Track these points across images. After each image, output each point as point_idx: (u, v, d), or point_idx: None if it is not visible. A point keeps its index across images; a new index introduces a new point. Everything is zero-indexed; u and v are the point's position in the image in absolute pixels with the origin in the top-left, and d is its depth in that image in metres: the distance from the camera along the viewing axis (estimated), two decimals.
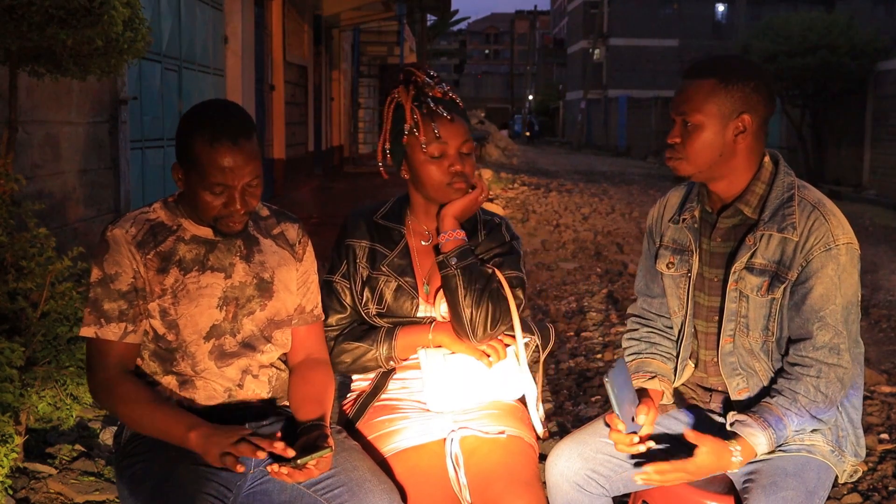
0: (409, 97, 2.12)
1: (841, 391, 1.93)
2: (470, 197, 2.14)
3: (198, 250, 1.98)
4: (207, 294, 1.96)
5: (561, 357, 5.09)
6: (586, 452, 2.05)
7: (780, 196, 1.99)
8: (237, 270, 2.00)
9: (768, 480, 1.90)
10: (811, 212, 1.96)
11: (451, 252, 2.09)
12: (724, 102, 1.95)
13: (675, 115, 2.01)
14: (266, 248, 2.06)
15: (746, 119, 1.96)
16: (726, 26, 37.83)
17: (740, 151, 1.99)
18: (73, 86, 5.08)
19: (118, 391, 1.90)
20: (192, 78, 7.77)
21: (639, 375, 2.14)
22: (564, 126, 51.25)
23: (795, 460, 1.95)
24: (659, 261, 2.19)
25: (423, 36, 19.04)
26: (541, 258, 8.45)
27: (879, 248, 9.50)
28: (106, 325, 1.91)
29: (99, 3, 2.99)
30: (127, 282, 1.92)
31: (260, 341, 2.03)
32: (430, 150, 2.10)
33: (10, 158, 3.15)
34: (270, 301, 2.04)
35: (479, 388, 2.15)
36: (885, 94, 15.97)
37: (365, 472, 1.90)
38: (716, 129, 1.96)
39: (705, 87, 1.96)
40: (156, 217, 1.98)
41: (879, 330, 5.96)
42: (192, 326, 1.96)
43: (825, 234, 1.92)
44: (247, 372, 2.01)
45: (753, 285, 1.99)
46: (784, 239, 1.96)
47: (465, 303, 2.06)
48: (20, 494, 2.89)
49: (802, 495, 1.88)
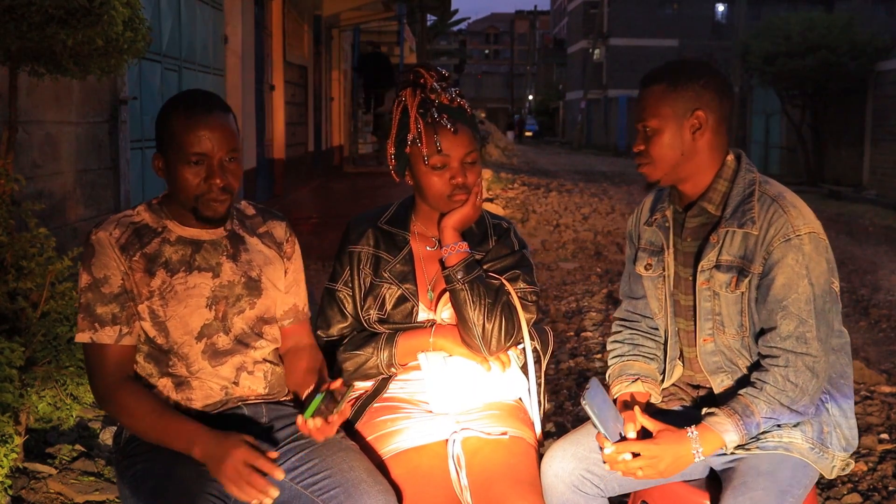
0: (415, 103, 2.10)
1: (813, 380, 1.93)
2: (468, 206, 2.12)
3: (184, 251, 1.98)
4: (196, 294, 1.97)
5: (561, 357, 5.09)
6: (580, 453, 2.05)
7: (741, 193, 2.03)
8: (225, 270, 2.01)
9: (739, 481, 1.91)
10: (770, 205, 1.99)
11: (457, 266, 2.08)
12: (676, 103, 2.01)
13: (636, 123, 2.08)
14: (252, 247, 2.07)
15: (700, 115, 2.01)
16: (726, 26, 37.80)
17: (701, 149, 2.03)
18: (73, 86, 5.08)
19: (120, 401, 1.90)
20: (192, 78, 7.77)
21: (622, 379, 2.17)
22: (564, 126, 51.25)
23: (771, 458, 1.95)
24: (637, 263, 2.23)
25: (423, 36, 19.04)
26: (541, 258, 8.45)
27: (879, 248, 9.50)
28: (101, 329, 1.91)
29: (99, 3, 2.98)
30: (117, 284, 1.92)
31: (252, 338, 2.03)
32: (432, 161, 2.08)
33: (10, 158, 3.15)
34: (260, 299, 2.04)
35: (480, 389, 2.15)
36: (885, 94, 15.97)
37: (361, 473, 1.90)
38: (672, 130, 2.02)
39: (656, 92, 2.03)
40: (140, 219, 1.98)
41: (879, 330, 5.96)
42: (183, 327, 1.96)
43: (784, 224, 1.95)
44: (241, 369, 2.02)
45: (722, 282, 2.02)
46: (746, 234, 1.99)
47: (476, 316, 2.05)
48: (20, 494, 2.89)
49: (773, 495, 1.88)
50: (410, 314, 2.17)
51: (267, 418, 2.03)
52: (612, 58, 40.57)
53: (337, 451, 1.94)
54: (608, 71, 40.76)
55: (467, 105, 2.15)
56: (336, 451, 1.93)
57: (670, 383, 2.23)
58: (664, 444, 1.92)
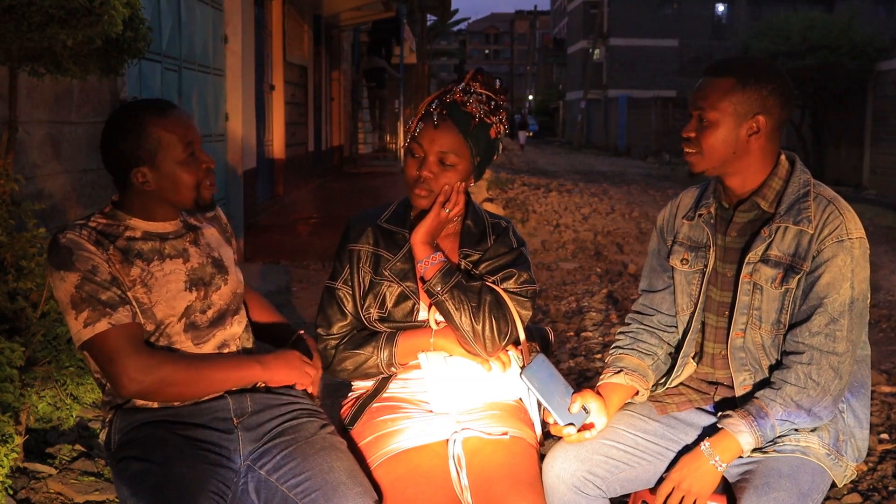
0: (437, 95, 2.14)
1: (836, 381, 1.93)
2: (431, 215, 2.11)
3: (153, 243, 2.03)
4: (174, 280, 2.01)
5: (561, 357, 5.09)
6: (583, 454, 2.05)
7: (796, 192, 2.03)
8: (192, 254, 2.07)
9: (761, 481, 1.90)
10: (826, 206, 2.00)
11: (434, 279, 2.07)
12: (740, 102, 1.99)
13: (693, 109, 2.06)
14: (207, 233, 2.16)
15: (761, 120, 2.00)
16: (726, 26, 37.82)
17: (753, 151, 2.03)
18: (73, 86, 5.08)
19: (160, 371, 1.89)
20: (192, 78, 7.77)
21: (608, 371, 2.19)
22: (564, 126, 51.24)
23: (790, 462, 1.94)
24: (673, 257, 2.21)
25: (423, 36, 19.04)
26: (541, 258, 8.45)
27: (879, 248, 9.50)
28: (114, 312, 1.90)
29: (99, 3, 2.98)
30: (106, 271, 1.92)
31: (230, 314, 2.10)
32: (411, 145, 2.11)
33: (10, 158, 3.15)
34: (228, 275, 2.12)
35: (481, 389, 2.15)
36: (885, 94, 15.98)
37: (341, 475, 1.90)
38: (729, 127, 2.00)
39: (723, 86, 2.00)
40: (96, 224, 2.00)
41: (879, 330, 5.96)
42: (170, 309, 1.99)
43: (839, 226, 1.96)
44: (223, 346, 2.07)
45: (768, 277, 2.01)
46: (800, 231, 1.99)
47: (464, 322, 2.06)
48: (20, 494, 2.89)
49: (795, 497, 1.88)
50: (411, 312, 2.17)
51: (252, 409, 2.03)
52: (612, 58, 40.58)
53: (319, 450, 1.95)
54: (608, 71, 40.77)
55: (481, 114, 2.11)
56: (318, 450, 1.95)
57: (678, 381, 2.22)
58: (683, 467, 1.96)
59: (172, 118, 1.98)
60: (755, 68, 2.02)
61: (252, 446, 1.99)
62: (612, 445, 2.07)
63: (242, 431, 2.00)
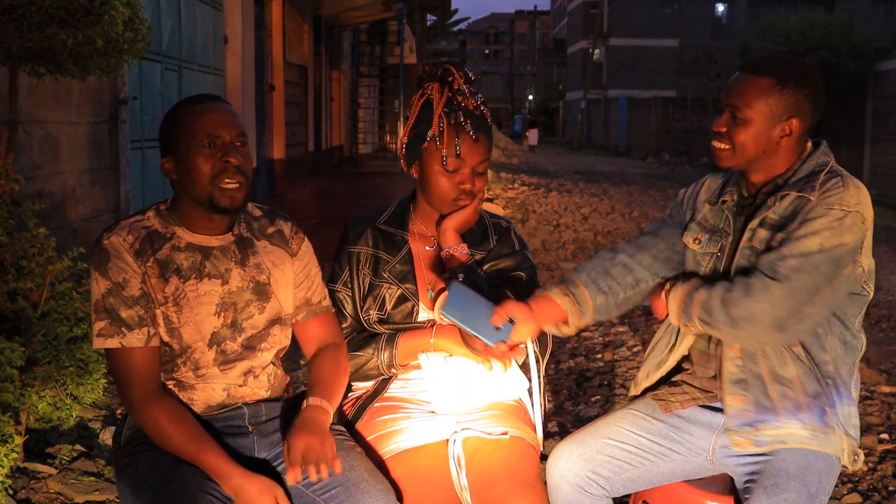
0: (442, 101, 2.09)
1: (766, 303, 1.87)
2: (469, 210, 2.13)
3: (194, 258, 1.97)
4: (206, 302, 1.96)
5: (561, 357, 5.09)
6: (587, 453, 2.05)
7: (810, 169, 2.02)
8: (233, 276, 1.99)
9: (770, 482, 1.90)
10: (834, 178, 1.97)
11: (458, 269, 2.08)
12: (776, 104, 1.98)
13: (726, 105, 2.03)
14: (261, 250, 2.05)
15: (794, 124, 1.99)
16: (726, 26, 37.84)
17: (781, 150, 2.02)
18: (73, 86, 5.08)
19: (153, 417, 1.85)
20: (192, 78, 7.77)
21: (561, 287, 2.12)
22: (564, 126, 51.25)
23: (797, 461, 1.94)
24: (687, 234, 2.18)
25: (423, 36, 19.03)
26: (541, 258, 8.45)
27: (879, 248, 9.49)
28: (129, 333, 1.89)
29: (99, 3, 2.98)
30: (136, 287, 1.91)
31: (260, 341, 2.03)
32: (449, 164, 2.08)
33: (10, 158, 3.15)
34: (268, 303, 2.03)
35: (481, 389, 2.15)
36: (885, 94, 15.98)
37: (362, 472, 1.89)
38: (762, 126, 1.99)
39: (761, 85, 1.98)
40: (150, 224, 1.97)
41: (879, 330, 5.96)
42: (197, 333, 1.95)
43: (837, 195, 1.93)
44: (249, 373, 2.02)
45: (762, 239, 1.99)
46: (800, 197, 1.96)
47: None
48: (20, 494, 2.89)
49: (804, 498, 1.88)
50: (411, 314, 2.17)
51: (266, 416, 2.03)
52: (612, 58, 40.58)
53: (338, 450, 1.93)
54: (608, 71, 40.78)
55: (489, 115, 2.14)
56: (337, 450, 1.93)
57: (679, 354, 2.16)
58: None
59: (202, 108, 1.93)
60: (795, 70, 2.00)
61: (267, 452, 2.00)
62: (616, 445, 2.07)
63: (258, 437, 2.00)
